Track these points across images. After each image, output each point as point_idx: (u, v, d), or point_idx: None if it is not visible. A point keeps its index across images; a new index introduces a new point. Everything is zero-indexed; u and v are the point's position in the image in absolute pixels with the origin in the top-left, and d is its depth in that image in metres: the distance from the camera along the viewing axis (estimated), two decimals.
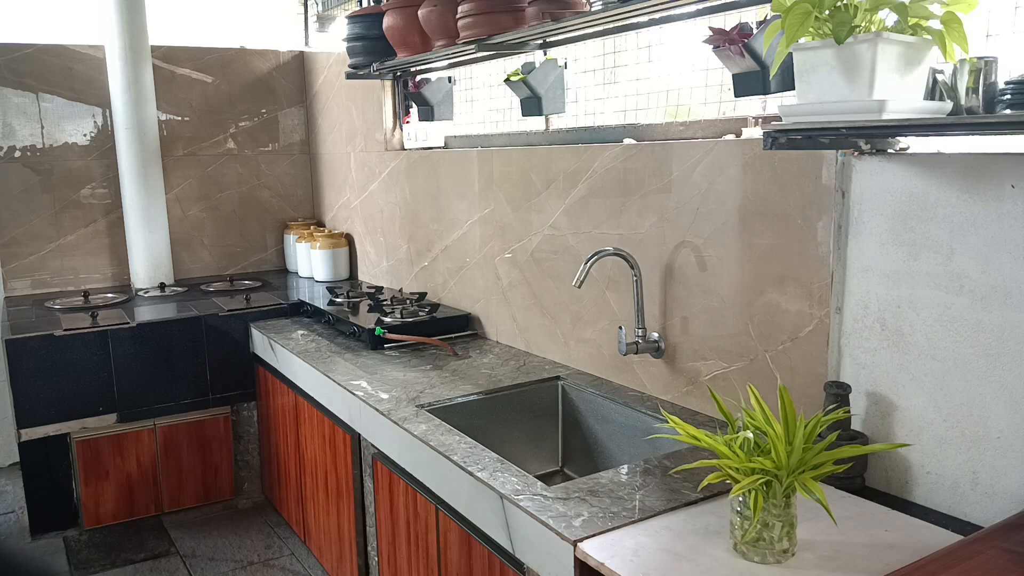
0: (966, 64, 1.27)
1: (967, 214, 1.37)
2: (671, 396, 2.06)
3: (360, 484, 2.36)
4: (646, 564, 1.28)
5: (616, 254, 2.02)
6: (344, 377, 2.39)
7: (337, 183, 4.01)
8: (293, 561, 3.00)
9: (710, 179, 1.86)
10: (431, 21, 2.55)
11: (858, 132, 1.35)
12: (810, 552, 1.30)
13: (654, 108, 2.28)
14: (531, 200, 2.49)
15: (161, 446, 3.25)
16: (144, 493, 3.25)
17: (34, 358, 3.01)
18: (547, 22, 2.13)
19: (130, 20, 3.46)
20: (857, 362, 1.58)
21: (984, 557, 1.11)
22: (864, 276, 1.55)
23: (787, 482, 1.24)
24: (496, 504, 1.58)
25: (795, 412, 1.27)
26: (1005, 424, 1.35)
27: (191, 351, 3.23)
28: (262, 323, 3.25)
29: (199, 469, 3.34)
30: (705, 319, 1.93)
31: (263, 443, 3.39)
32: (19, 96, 3.64)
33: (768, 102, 1.90)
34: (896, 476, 1.52)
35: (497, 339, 2.77)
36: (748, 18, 1.85)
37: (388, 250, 3.50)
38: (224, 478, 3.40)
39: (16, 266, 3.71)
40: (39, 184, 3.71)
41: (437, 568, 1.92)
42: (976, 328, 1.37)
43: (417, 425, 1.95)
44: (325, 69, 4.01)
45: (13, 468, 3.74)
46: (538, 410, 2.28)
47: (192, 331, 3.23)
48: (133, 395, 3.14)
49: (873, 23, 1.27)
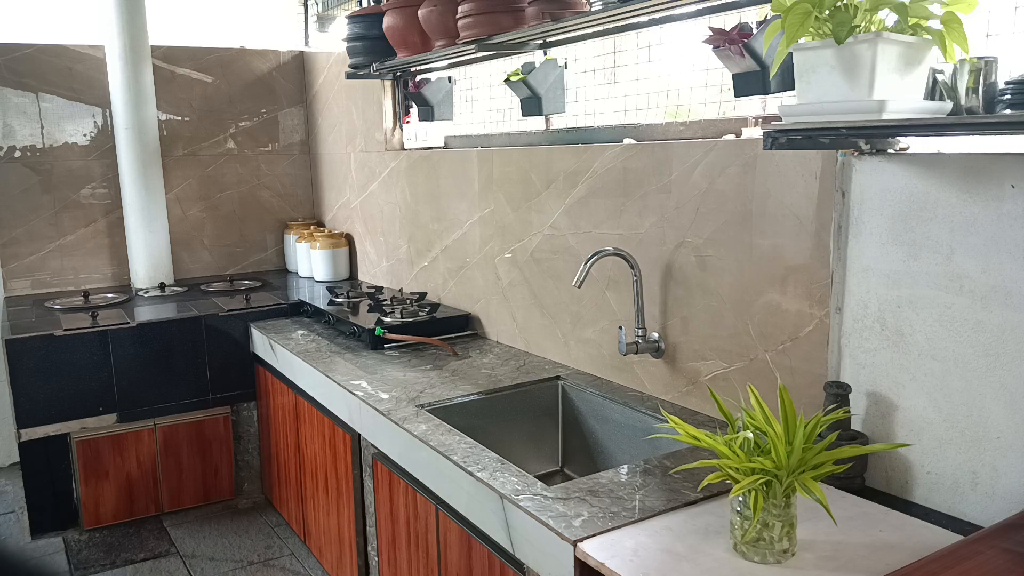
0: (966, 64, 1.27)
1: (967, 214, 1.37)
2: (671, 396, 2.06)
3: (360, 484, 2.36)
4: (646, 564, 1.28)
5: (616, 254, 2.02)
6: (344, 377, 2.39)
7: (337, 183, 4.01)
8: (293, 561, 3.00)
9: (710, 179, 1.86)
10: (431, 21, 2.55)
11: (858, 132, 1.35)
12: (810, 552, 1.30)
13: (654, 108, 2.28)
14: (531, 200, 2.49)
15: (161, 446, 3.25)
16: (144, 493, 3.25)
17: (34, 358, 3.01)
18: (547, 22, 2.13)
19: (130, 20, 3.46)
20: (857, 362, 1.58)
21: (984, 557, 1.11)
22: (864, 276, 1.55)
23: (787, 482, 1.24)
24: (496, 504, 1.58)
25: (795, 412, 1.27)
26: (1005, 424, 1.35)
27: (191, 351, 3.23)
28: (262, 323, 3.25)
29: (199, 469, 3.34)
30: (705, 319, 1.93)
31: (263, 443, 3.39)
32: (19, 96, 3.64)
33: (768, 102, 1.90)
34: (896, 476, 1.52)
35: (497, 339, 2.77)
36: (748, 18, 1.85)
37: (388, 250, 3.50)
38: (224, 478, 3.40)
39: (16, 266, 3.71)
40: (39, 184, 3.71)
41: (437, 568, 1.92)
42: (976, 328, 1.37)
43: (417, 425, 1.95)
44: (325, 69, 4.01)
45: (13, 468, 3.74)
46: (538, 410, 2.28)
47: (192, 331, 3.23)
48: (133, 395, 3.14)
49: (873, 23, 1.27)
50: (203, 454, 3.34)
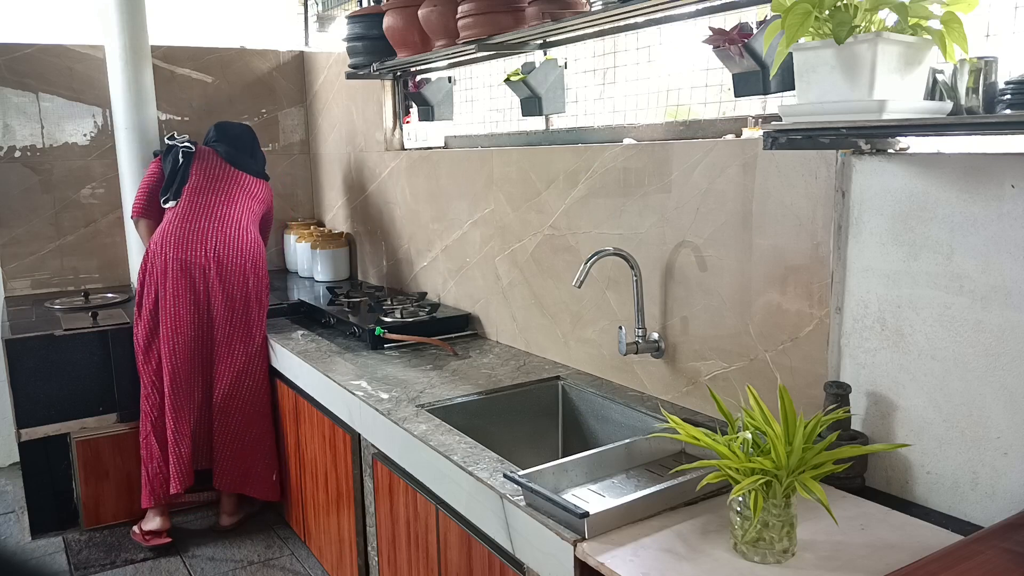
0: (966, 64, 1.27)
1: (967, 214, 1.37)
2: (671, 396, 2.06)
3: (360, 484, 2.36)
4: (646, 564, 1.28)
5: (616, 254, 2.02)
6: (344, 377, 2.39)
7: (337, 183, 4.01)
8: (293, 561, 3.00)
9: (710, 179, 1.86)
10: (431, 21, 2.55)
11: (858, 132, 1.35)
12: (810, 552, 1.30)
13: (654, 108, 2.28)
14: (531, 200, 2.49)
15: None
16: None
17: (34, 358, 3.01)
18: (547, 22, 2.13)
19: (130, 20, 3.45)
20: (857, 362, 1.58)
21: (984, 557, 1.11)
22: (864, 276, 1.55)
23: (787, 482, 1.24)
24: (496, 504, 1.58)
25: (795, 412, 1.27)
26: (1005, 424, 1.35)
27: None
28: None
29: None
30: (705, 319, 1.93)
31: None
32: (19, 96, 3.64)
33: (768, 102, 1.90)
34: (896, 476, 1.52)
35: (497, 339, 2.77)
36: (748, 18, 1.85)
37: (388, 250, 3.50)
38: None
39: (16, 266, 3.71)
40: (39, 184, 3.71)
41: (437, 568, 1.92)
42: (976, 328, 1.37)
43: (417, 425, 1.95)
44: (325, 69, 4.01)
45: (13, 468, 3.74)
46: (538, 410, 2.28)
47: None
48: (133, 395, 3.14)
49: (873, 23, 1.27)
50: None
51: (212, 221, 3.11)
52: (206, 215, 3.12)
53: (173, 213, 3.14)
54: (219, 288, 3.04)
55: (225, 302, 3.05)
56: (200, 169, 3.26)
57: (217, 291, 3.04)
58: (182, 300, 3.01)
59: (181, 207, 3.14)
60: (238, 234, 3.12)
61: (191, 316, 3.02)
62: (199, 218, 3.11)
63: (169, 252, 3.02)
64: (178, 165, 3.24)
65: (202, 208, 3.14)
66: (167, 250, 3.03)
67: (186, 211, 3.12)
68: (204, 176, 3.24)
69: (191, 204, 3.14)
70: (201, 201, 3.16)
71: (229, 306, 3.05)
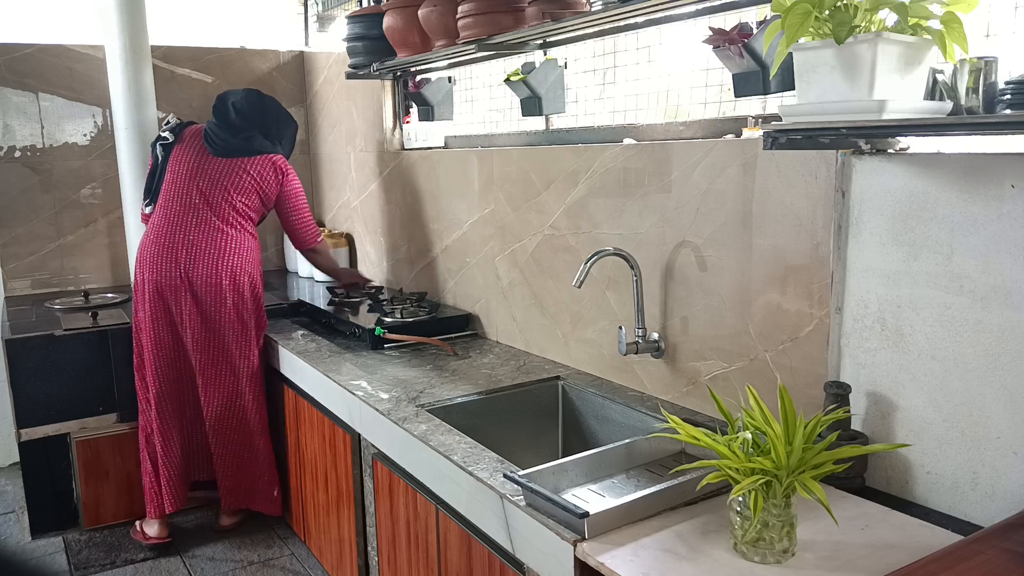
0: (966, 64, 1.27)
1: (967, 214, 1.37)
2: (671, 396, 2.06)
3: (360, 484, 2.36)
4: (646, 564, 1.28)
5: (616, 254, 2.02)
6: (344, 377, 2.39)
7: (337, 183, 4.01)
8: (293, 561, 3.00)
9: (710, 179, 1.86)
10: (431, 21, 2.55)
11: (858, 132, 1.35)
12: (810, 552, 1.30)
13: (654, 108, 2.28)
14: (531, 200, 2.49)
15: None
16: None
17: (34, 358, 3.01)
18: (547, 22, 2.13)
19: (130, 20, 3.45)
20: (857, 362, 1.58)
21: (984, 557, 1.11)
22: (864, 276, 1.55)
23: (787, 482, 1.24)
24: (496, 504, 1.58)
25: (795, 412, 1.27)
26: (1005, 424, 1.35)
27: None
28: None
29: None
30: (705, 319, 1.93)
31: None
32: (19, 96, 3.64)
33: (768, 102, 1.90)
34: (896, 476, 1.52)
35: (497, 339, 2.77)
36: (748, 18, 1.85)
37: (388, 250, 3.50)
38: None
39: (16, 266, 3.71)
40: (39, 184, 3.71)
41: (437, 568, 1.92)
42: (976, 328, 1.37)
43: (417, 425, 1.95)
44: (325, 69, 4.01)
45: (13, 468, 3.74)
46: (538, 410, 2.28)
47: None
48: (133, 395, 3.14)
49: (873, 23, 1.27)
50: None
51: (186, 232, 2.86)
52: (180, 226, 2.88)
53: (150, 224, 2.97)
54: (195, 311, 2.87)
55: (203, 325, 2.88)
56: (177, 163, 2.98)
57: (194, 314, 2.87)
58: (161, 322, 2.89)
59: (155, 217, 2.95)
60: (214, 246, 2.87)
61: (171, 339, 2.92)
62: (173, 230, 2.87)
63: (145, 273, 2.88)
64: (158, 161, 3.03)
65: (176, 217, 2.89)
66: (143, 270, 2.89)
67: (160, 223, 2.91)
68: (181, 172, 2.95)
69: (164, 213, 2.92)
70: (176, 207, 2.91)
71: (208, 328, 2.88)
